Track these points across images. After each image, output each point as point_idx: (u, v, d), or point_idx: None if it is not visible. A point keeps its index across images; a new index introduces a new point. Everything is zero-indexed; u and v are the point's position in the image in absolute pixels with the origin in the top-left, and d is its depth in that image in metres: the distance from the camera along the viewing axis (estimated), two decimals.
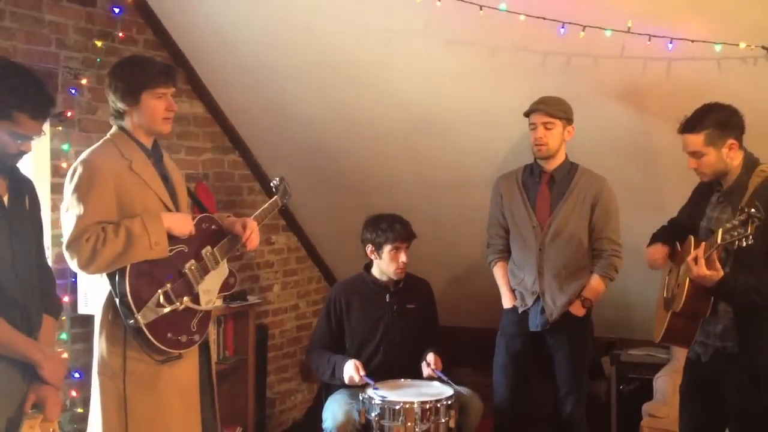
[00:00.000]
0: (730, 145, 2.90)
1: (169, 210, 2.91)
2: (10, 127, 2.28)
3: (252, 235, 3.08)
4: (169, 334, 2.78)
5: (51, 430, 2.43)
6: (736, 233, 2.63)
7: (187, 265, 2.89)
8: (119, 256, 2.69)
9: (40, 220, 2.56)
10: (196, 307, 2.88)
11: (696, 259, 2.78)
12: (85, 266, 2.67)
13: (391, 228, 3.89)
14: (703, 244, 2.82)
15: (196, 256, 2.93)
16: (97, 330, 2.83)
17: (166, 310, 2.76)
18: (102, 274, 2.75)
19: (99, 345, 2.83)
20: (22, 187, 2.46)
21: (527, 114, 3.72)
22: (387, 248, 3.92)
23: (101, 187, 2.74)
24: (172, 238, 2.86)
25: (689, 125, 2.95)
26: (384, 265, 3.97)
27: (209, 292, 2.96)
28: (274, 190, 3.50)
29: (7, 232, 2.33)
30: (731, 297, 2.85)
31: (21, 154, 2.37)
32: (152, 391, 2.81)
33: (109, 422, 2.77)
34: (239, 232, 3.06)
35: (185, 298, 2.84)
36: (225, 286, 3.08)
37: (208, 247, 2.99)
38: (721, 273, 2.75)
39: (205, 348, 3.09)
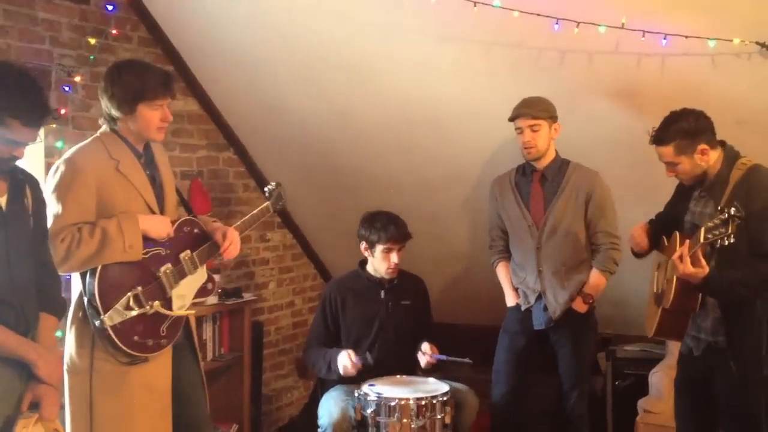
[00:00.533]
0: (702, 150, 2.91)
1: (153, 212, 2.89)
2: (3, 131, 2.26)
3: (231, 246, 3.05)
4: (135, 338, 2.76)
5: (53, 429, 2.42)
6: (717, 232, 2.64)
7: (163, 269, 2.87)
8: (93, 257, 2.69)
9: (45, 219, 2.55)
10: (166, 312, 2.85)
11: (681, 257, 2.80)
12: (58, 266, 2.66)
13: (385, 228, 3.88)
14: (687, 242, 2.83)
15: (173, 260, 2.91)
16: (67, 327, 2.82)
17: (134, 313, 2.75)
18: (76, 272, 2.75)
19: (68, 343, 2.82)
20: (24, 187, 2.44)
21: (512, 119, 3.74)
22: (379, 247, 3.92)
23: (81, 187, 2.74)
24: (151, 241, 2.85)
25: (657, 138, 2.97)
26: (376, 264, 3.97)
27: (183, 297, 2.93)
28: (267, 195, 3.47)
29: (2, 232, 2.32)
30: (718, 293, 2.87)
31: (13, 159, 2.35)
32: (118, 392, 2.78)
33: (75, 421, 2.76)
34: (218, 241, 3.04)
35: (156, 302, 2.81)
36: (202, 291, 3.05)
37: (188, 251, 2.97)
38: (707, 270, 2.76)
39: (191, 346, 3.09)
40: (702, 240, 2.68)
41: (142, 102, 2.82)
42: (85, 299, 2.72)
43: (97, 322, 2.69)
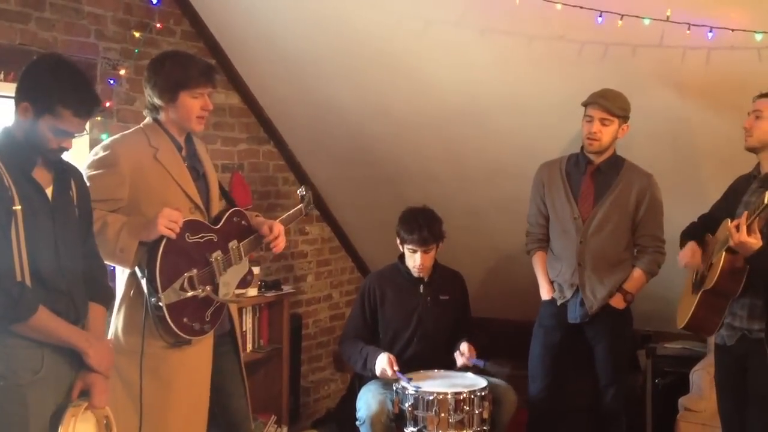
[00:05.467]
0: None
1: (193, 203, 2.92)
2: (53, 121, 2.30)
3: (278, 239, 3.10)
4: (185, 319, 2.80)
5: (104, 417, 2.46)
6: None
7: (214, 255, 2.91)
8: None
9: (90, 210, 2.59)
10: (214, 297, 2.89)
11: (738, 227, 2.80)
12: None
13: (411, 231, 3.87)
14: (745, 212, 2.82)
15: (223, 248, 2.95)
16: (116, 306, 2.84)
17: (188, 294, 2.78)
18: None
19: (115, 321, 2.85)
20: (68, 178, 2.48)
21: (585, 104, 3.65)
22: (406, 246, 3.93)
23: (111, 170, 2.78)
24: (206, 226, 2.89)
25: None
26: (407, 260, 3.98)
27: (228, 285, 2.97)
28: (300, 198, 3.51)
29: (50, 223, 2.36)
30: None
31: (61, 150, 2.39)
32: (160, 375, 2.82)
33: (123, 402, 2.76)
34: (265, 233, 3.08)
35: (207, 287, 2.86)
36: (242, 282, 3.09)
37: (235, 241, 3.01)
38: (761, 242, 2.78)
39: (232, 338, 3.12)
40: (766, 201, 2.69)
41: (183, 90, 2.86)
42: (143, 277, 2.75)
43: (153, 300, 2.72)
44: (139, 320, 2.80)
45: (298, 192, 3.53)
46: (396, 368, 3.70)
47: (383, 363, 3.74)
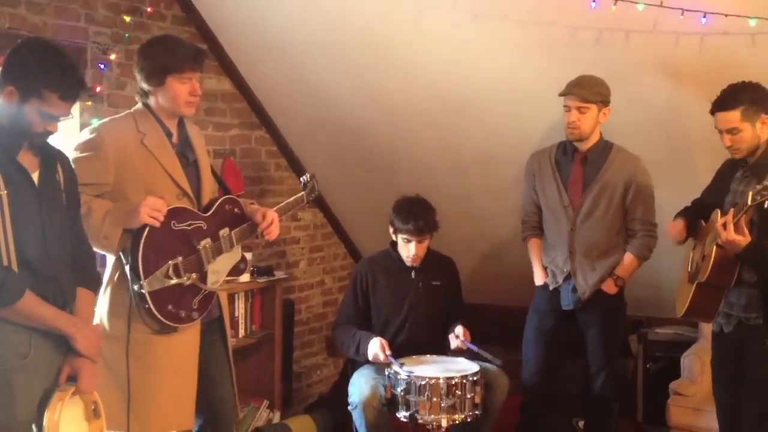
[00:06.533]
0: (763, 120, 2.98)
1: (181, 190, 2.90)
2: (39, 105, 2.29)
3: (271, 226, 3.08)
4: (169, 307, 2.79)
5: (92, 401, 2.46)
6: (766, 193, 2.66)
7: (203, 243, 2.90)
8: None
9: (77, 194, 2.57)
10: (201, 285, 2.88)
11: (725, 225, 2.83)
12: None
13: (406, 221, 3.87)
14: (732, 210, 2.86)
15: (212, 235, 2.94)
16: (101, 292, 2.83)
17: (172, 282, 2.78)
18: None
19: (100, 307, 2.83)
20: (55, 163, 2.47)
21: (562, 95, 3.66)
22: (400, 236, 3.94)
23: (96, 153, 2.77)
24: (194, 214, 2.88)
25: (723, 103, 3.00)
26: (400, 249, 3.98)
27: (218, 273, 2.96)
28: (302, 186, 3.50)
29: (36, 207, 2.35)
30: (759, 262, 2.90)
31: (47, 134, 2.37)
32: (146, 360, 2.81)
33: (110, 387, 2.75)
34: (258, 221, 3.07)
35: (193, 275, 2.85)
36: (234, 270, 3.08)
37: (226, 229, 3.00)
38: (749, 238, 2.82)
39: (219, 326, 3.11)
40: (750, 202, 2.71)
41: (170, 74, 2.85)
42: (127, 264, 2.74)
43: (136, 287, 2.72)
44: (123, 305, 2.79)
45: (301, 179, 3.52)
46: (388, 352, 3.71)
47: (375, 347, 3.75)
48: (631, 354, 4.65)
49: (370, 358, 3.78)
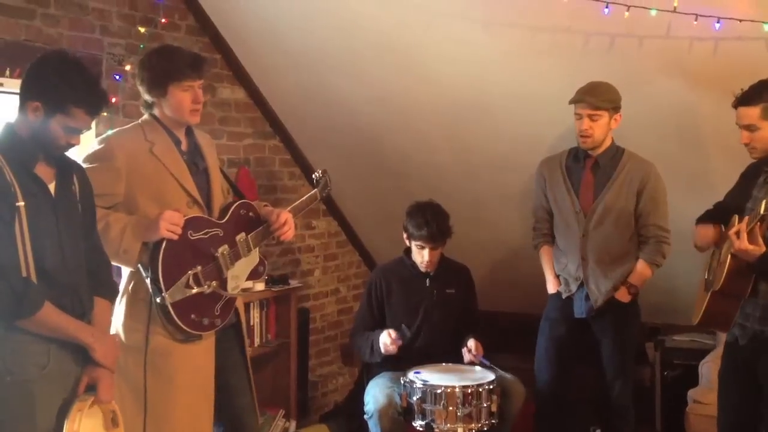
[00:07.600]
0: None
1: (191, 197, 2.91)
2: (64, 120, 2.32)
3: (285, 227, 3.09)
4: (192, 316, 2.81)
5: (111, 411, 2.47)
6: None
7: (220, 250, 2.91)
8: None
9: (92, 204, 2.59)
10: (222, 292, 2.90)
11: (738, 233, 2.76)
12: None
13: (420, 227, 3.87)
14: (746, 218, 2.80)
15: (229, 242, 2.95)
16: (116, 302, 2.82)
17: (194, 291, 2.79)
18: None
19: (116, 317, 2.83)
20: (71, 174, 2.49)
21: (572, 102, 3.65)
22: (414, 243, 3.94)
23: (106, 164, 2.79)
24: (209, 222, 2.89)
25: (746, 98, 2.93)
26: (414, 255, 3.98)
27: (237, 278, 2.98)
28: (315, 182, 3.50)
29: (53, 218, 2.37)
30: None
31: (69, 146, 2.40)
32: (164, 370, 2.82)
33: (128, 398, 2.76)
34: (273, 222, 3.08)
35: (213, 282, 2.86)
36: (254, 273, 3.10)
37: (243, 234, 3.01)
38: (764, 248, 2.74)
39: (236, 333, 3.11)
40: (763, 211, 2.65)
41: (171, 83, 2.86)
42: (147, 277, 2.75)
43: (158, 299, 2.73)
44: (139, 315, 2.81)
45: (313, 175, 3.52)
46: (394, 335, 3.75)
47: (384, 338, 3.78)
48: (648, 361, 4.62)
49: (382, 349, 3.80)
